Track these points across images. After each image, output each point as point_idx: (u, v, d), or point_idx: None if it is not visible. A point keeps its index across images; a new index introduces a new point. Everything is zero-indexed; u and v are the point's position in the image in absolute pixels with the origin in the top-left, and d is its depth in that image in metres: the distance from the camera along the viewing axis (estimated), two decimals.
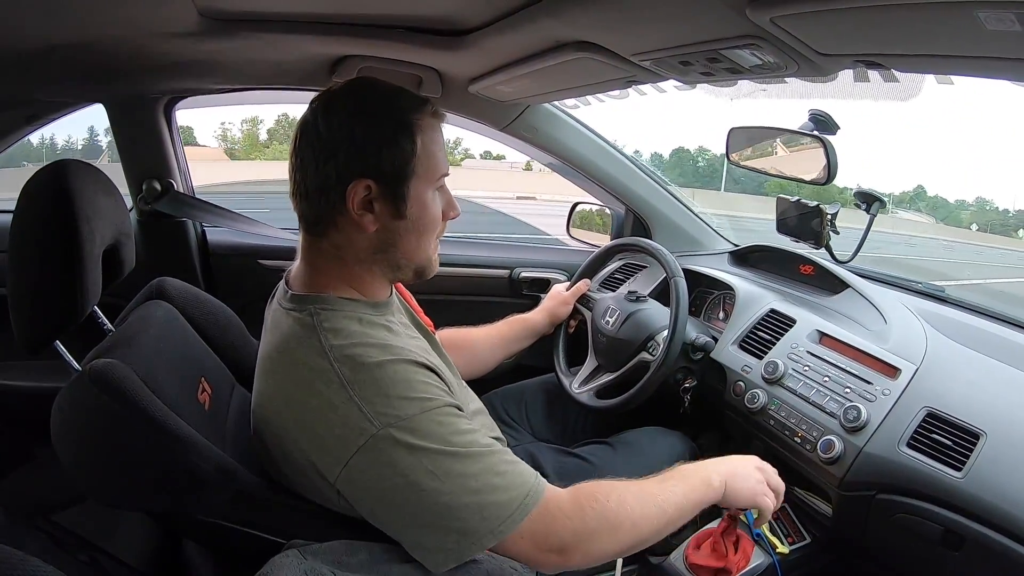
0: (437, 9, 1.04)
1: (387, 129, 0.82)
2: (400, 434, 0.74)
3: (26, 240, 0.86)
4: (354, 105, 0.83)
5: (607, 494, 0.85)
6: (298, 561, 0.72)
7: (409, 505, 0.75)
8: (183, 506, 0.84)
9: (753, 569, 1.18)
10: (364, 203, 0.83)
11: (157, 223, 1.73)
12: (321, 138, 0.81)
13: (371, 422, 0.74)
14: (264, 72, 1.48)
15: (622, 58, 1.01)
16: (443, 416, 0.78)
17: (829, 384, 1.22)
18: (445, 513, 0.75)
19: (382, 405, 0.75)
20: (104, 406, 0.77)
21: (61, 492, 1.30)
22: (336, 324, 0.81)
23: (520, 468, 0.81)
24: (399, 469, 0.74)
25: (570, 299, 1.58)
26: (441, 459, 0.75)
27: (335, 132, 0.81)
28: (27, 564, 0.59)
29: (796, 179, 1.41)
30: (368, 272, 0.89)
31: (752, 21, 0.74)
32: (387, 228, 0.85)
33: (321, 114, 0.82)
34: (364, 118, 0.82)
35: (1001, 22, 0.58)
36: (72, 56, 1.10)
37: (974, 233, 10.51)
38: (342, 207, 0.82)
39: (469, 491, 0.76)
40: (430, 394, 0.79)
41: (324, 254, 0.87)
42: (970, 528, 0.95)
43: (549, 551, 0.81)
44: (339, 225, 0.85)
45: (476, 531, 0.76)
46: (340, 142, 0.81)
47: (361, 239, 0.85)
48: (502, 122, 1.71)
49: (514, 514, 0.77)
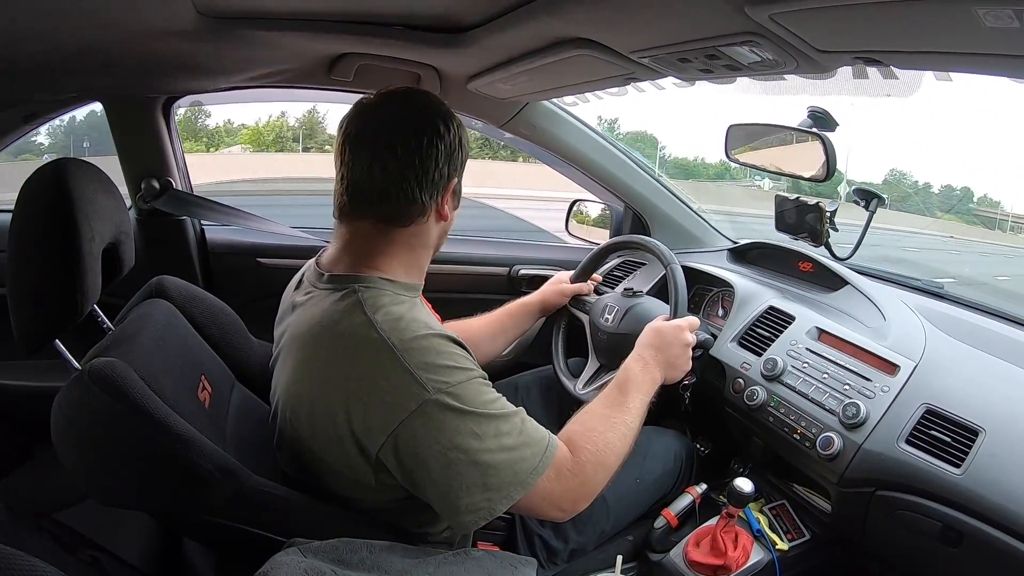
0: (435, 6, 1.03)
1: (464, 133, 0.95)
2: (450, 399, 0.81)
3: (25, 239, 0.85)
4: (448, 110, 0.94)
5: (592, 439, 0.95)
6: (298, 559, 0.72)
7: (453, 466, 0.81)
8: (183, 505, 0.84)
9: (753, 566, 1.19)
10: (452, 196, 0.96)
11: (156, 222, 1.73)
12: (442, 139, 0.91)
13: (423, 387, 0.80)
14: (262, 71, 1.48)
15: (621, 55, 1.01)
16: (480, 384, 0.86)
17: (828, 381, 1.22)
18: (484, 471, 0.82)
19: (433, 372, 0.81)
20: (104, 405, 0.77)
21: (61, 491, 1.30)
22: (379, 301, 0.87)
23: (535, 425, 0.90)
24: (447, 431, 0.80)
25: (568, 292, 1.57)
26: (483, 421, 0.83)
27: (453, 134, 0.92)
28: (26, 563, 0.59)
29: (795, 175, 1.41)
30: (428, 256, 0.99)
31: (751, 18, 0.74)
32: (447, 222, 0.98)
33: (440, 117, 0.92)
34: (456, 122, 0.94)
35: (999, 19, 0.59)
36: (70, 55, 1.10)
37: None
38: (436, 203, 0.93)
39: (504, 448, 0.83)
40: (469, 366, 0.86)
41: (394, 242, 0.93)
42: (969, 524, 0.95)
43: (562, 500, 0.90)
44: (427, 217, 0.93)
45: (509, 484, 0.83)
46: (455, 143, 0.92)
47: (437, 228, 0.97)
48: (501, 119, 1.71)
49: (538, 466, 0.85)
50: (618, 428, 0.99)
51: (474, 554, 0.85)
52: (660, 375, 1.14)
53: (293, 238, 1.81)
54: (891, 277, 1.57)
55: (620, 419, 1.00)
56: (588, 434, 0.95)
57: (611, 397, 1.05)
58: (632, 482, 1.28)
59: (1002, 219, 8.86)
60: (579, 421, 0.99)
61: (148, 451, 0.79)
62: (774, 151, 1.46)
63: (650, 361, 1.14)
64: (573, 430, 0.96)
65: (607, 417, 1.00)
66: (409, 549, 0.82)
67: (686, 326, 1.22)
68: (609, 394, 1.06)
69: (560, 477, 0.88)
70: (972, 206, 8.99)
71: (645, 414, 1.07)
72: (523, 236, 2.31)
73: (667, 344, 1.18)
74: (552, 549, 1.19)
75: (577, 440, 0.94)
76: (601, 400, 1.05)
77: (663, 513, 1.29)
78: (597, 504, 1.18)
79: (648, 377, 1.11)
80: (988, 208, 9.01)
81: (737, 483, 1.14)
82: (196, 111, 10.55)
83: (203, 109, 11.03)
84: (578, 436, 0.95)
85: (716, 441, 1.54)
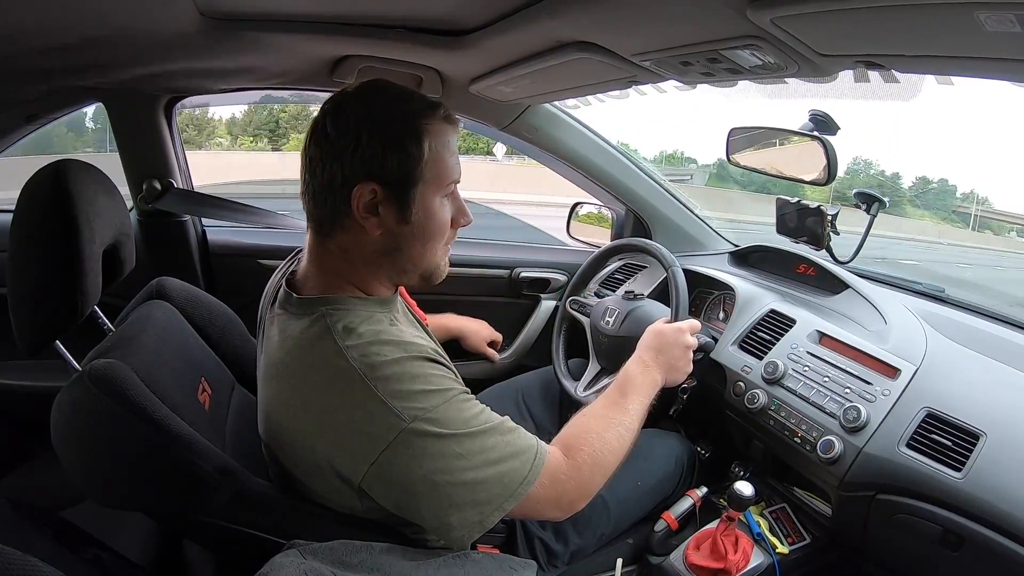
0: (437, 9, 1.04)
1: (393, 133, 0.82)
2: (428, 425, 0.77)
3: (26, 240, 0.85)
4: (363, 108, 0.83)
5: (589, 440, 0.93)
6: (298, 561, 0.72)
7: (439, 489, 0.78)
8: (183, 506, 0.84)
9: (753, 569, 1.19)
10: (369, 206, 0.83)
11: (157, 223, 1.72)
12: (329, 139, 0.82)
13: (399, 417, 0.76)
14: (264, 72, 1.48)
15: (623, 58, 1.01)
16: (461, 403, 0.82)
17: (829, 384, 1.22)
18: (472, 488, 0.80)
19: (408, 399, 0.77)
20: (104, 406, 0.77)
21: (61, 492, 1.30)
22: (348, 324, 0.82)
23: (523, 432, 0.87)
24: (429, 456, 0.77)
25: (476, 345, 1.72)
26: (465, 440, 0.79)
27: (342, 134, 0.81)
28: (26, 564, 0.59)
29: (796, 179, 1.41)
30: (374, 274, 0.90)
31: (752, 22, 0.74)
32: (392, 233, 0.86)
33: (331, 116, 0.83)
34: (371, 121, 0.82)
35: (1001, 23, 0.59)
36: (73, 56, 1.10)
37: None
38: (348, 209, 0.83)
39: (491, 462, 0.81)
40: (446, 385, 0.82)
41: (332, 255, 0.88)
42: (969, 528, 0.95)
43: (558, 503, 0.89)
44: (346, 227, 0.85)
45: (498, 496, 0.81)
46: (347, 144, 0.81)
47: (367, 242, 0.86)
48: (503, 122, 1.71)
49: (528, 475, 0.83)
50: (616, 428, 0.98)
51: (474, 556, 0.85)
52: (661, 377, 1.14)
53: (294, 237, 1.81)
54: (892, 281, 1.56)
55: (618, 419, 1.00)
56: (585, 435, 0.94)
57: (611, 398, 1.05)
58: (633, 485, 1.28)
59: (989, 217, 8.27)
60: (576, 423, 0.98)
61: (147, 452, 0.79)
62: (775, 154, 1.46)
63: (651, 363, 1.14)
64: (570, 432, 0.96)
65: (605, 418, 0.99)
66: (409, 551, 0.82)
67: (687, 328, 1.22)
68: (609, 395, 1.06)
69: (555, 482, 0.87)
70: (957, 200, 8.34)
71: (645, 416, 1.06)
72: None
73: (668, 346, 1.18)
74: (552, 552, 1.19)
75: (573, 442, 0.93)
76: (600, 401, 1.04)
77: (663, 516, 1.29)
78: (597, 507, 1.19)
79: (648, 379, 1.11)
80: (967, 205, 8.31)
81: (737, 486, 1.13)
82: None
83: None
84: (574, 438, 0.94)
85: (717, 444, 1.54)
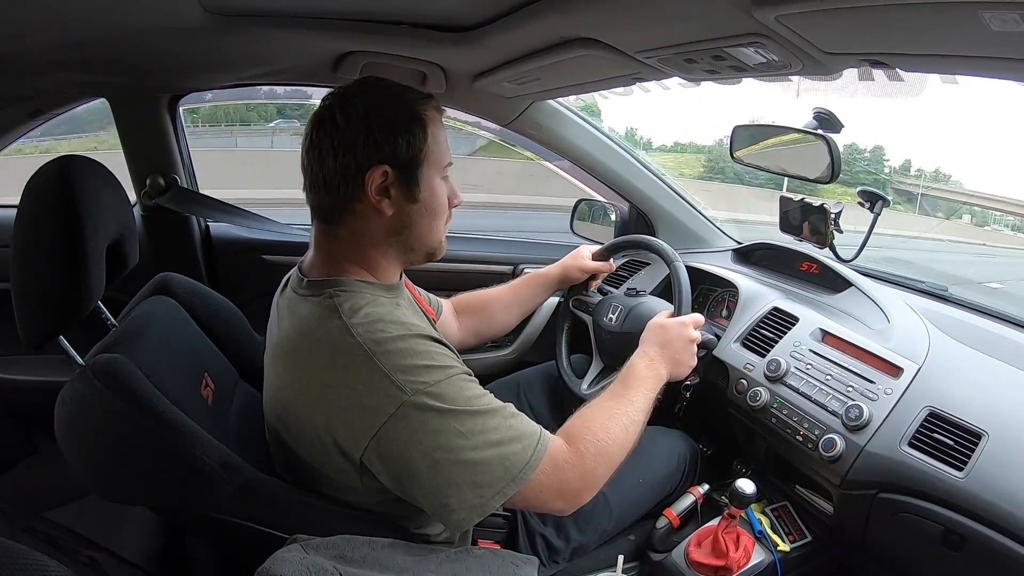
0: (441, 5, 1.03)
1: (401, 119, 0.88)
2: (429, 399, 0.79)
3: (30, 235, 0.86)
4: (369, 98, 0.88)
5: (593, 431, 0.93)
6: (300, 556, 0.72)
7: (439, 466, 0.79)
8: (185, 501, 0.85)
9: (754, 567, 1.19)
10: (381, 188, 0.88)
11: (161, 218, 1.73)
12: (339, 129, 0.86)
13: (401, 389, 0.78)
14: (268, 68, 1.48)
15: (627, 55, 1.01)
16: (463, 381, 0.84)
17: (831, 383, 1.21)
18: (472, 468, 0.80)
19: (410, 373, 0.80)
20: (107, 401, 0.78)
21: (65, 487, 1.31)
22: (355, 304, 0.85)
23: (526, 419, 0.88)
24: (429, 431, 0.79)
25: (588, 269, 1.55)
26: (466, 418, 0.81)
27: (353, 123, 0.86)
28: (30, 558, 0.60)
29: (800, 177, 1.41)
30: (383, 255, 0.94)
31: (757, 19, 0.74)
32: (402, 212, 0.91)
33: (337, 108, 0.87)
34: (379, 110, 0.87)
35: (1005, 22, 0.58)
36: (76, 52, 1.10)
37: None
38: (361, 194, 0.88)
39: (492, 444, 0.82)
40: (449, 363, 0.84)
41: (341, 241, 0.92)
42: (971, 528, 0.95)
43: (562, 493, 0.88)
44: (357, 212, 0.90)
45: (500, 479, 0.82)
46: (359, 132, 0.86)
47: (378, 223, 0.91)
48: (506, 118, 1.71)
49: (531, 460, 0.84)
50: (620, 420, 0.97)
51: (476, 552, 0.86)
52: (665, 371, 1.13)
53: (297, 235, 1.82)
54: (895, 279, 1.56)
55: (623, 411, 0.99)
56: (589, 425, 0.94)
57: (615, 392, 1.05)
58: (635, 482, 1.28)
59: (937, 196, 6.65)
60: (581, 415, 0.98)
61: (151, 447, 0.80)
62: (778, 152, 1.45)
63: (655, 358, 1.13)
64: (574, 423, 0.96)
65: (610, 410, 0.99)
66: (411, 547, 0.82)
67: (690, 322, 1.22)
68: (614, 389, 1.05)
69: (558, 469, 0.87)
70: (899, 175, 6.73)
71: (650, 410, 1.05)
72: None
73: (671, 340, 1.17)
74: (554, 548, 1.19)
75: (577, 432, 0.93)
76: (605, 395, 1.04)
77: (665, 513, 1.29)
78: (599, 503, 1.19)
79: (653, 373, 1.10)
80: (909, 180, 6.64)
81: (739, 484, 1.13)
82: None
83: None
84: (578, 428, 0.94)
85: (719, 442, 1.54)
